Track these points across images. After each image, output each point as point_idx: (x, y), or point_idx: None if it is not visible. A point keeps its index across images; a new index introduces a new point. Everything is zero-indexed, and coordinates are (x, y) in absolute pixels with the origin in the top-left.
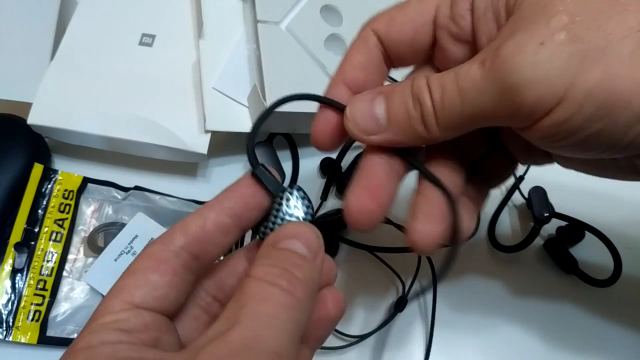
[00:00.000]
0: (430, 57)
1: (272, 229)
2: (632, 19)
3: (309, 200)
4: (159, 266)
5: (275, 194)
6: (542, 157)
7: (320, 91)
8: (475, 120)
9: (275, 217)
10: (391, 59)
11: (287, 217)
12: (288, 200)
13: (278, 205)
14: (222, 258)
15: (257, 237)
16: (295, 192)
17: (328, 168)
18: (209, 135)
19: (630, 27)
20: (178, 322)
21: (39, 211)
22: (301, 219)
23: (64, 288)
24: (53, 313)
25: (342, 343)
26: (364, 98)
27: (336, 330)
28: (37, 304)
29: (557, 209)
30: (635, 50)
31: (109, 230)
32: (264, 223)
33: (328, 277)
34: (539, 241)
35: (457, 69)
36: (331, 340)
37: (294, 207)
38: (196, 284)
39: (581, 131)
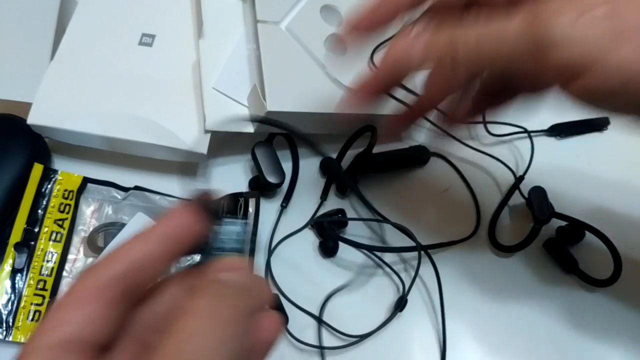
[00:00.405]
0: None
1: (206, 261)
2: None
3: (245, 233)
4: (91, 299)
5: (212, 225)
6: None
7: (320, 91)
8: (506, 70)
9: (212, 248)
10: None
11: (221, 252)
12: (224, 232)
13: (214, 237)
14: None
15: (191, 265)
16: (231, 225)
17: (328, 168)
18: (208, 135)
19: None
20: (109, 355)
21: (39, 211)
22: (236, 251)
23: (63, 288)
24: None
25: (342, 343)
26: (405, 34)
27: (336, 330)
28: (37, 304)
29: (557, 209)
30: None
31: (109, 230)
32: (199, 254)
33: (263, 301)
34: (539, 241)
35: (499, 24)
36: (331, 340)
37: (229, 240)
38: (128, 314)
39: (605, 101)
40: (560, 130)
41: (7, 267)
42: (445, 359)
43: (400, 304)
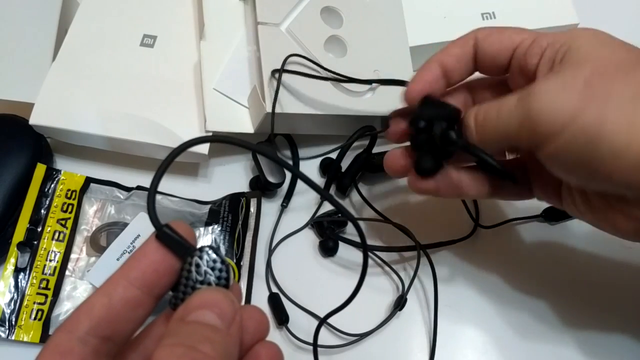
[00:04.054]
0: (502, 73)
1: (182, 299)
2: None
3: (223, 262)
4: (73, 352)
5: (183, 258)
6: (554, 198)
7: (320, 93)
8: (505, 139)
9: (185, 285)
10: (477, 63)
11: (198, 285)
12: (197, 265)
13: (187, 272)
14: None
15: (174, 304)
16: (205, 255)
17: (328, 168)
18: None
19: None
20: None
21: (42, 211)
22: (213, 284)
23: (66, 287)
24: (55, 312)
25: (342, 342)
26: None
27: (336, 329)
28: (39, 303)
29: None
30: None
31: (112, 229)
32: (174, 292)
33: (260, 332)
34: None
35: (501, 100)
36: (331, 339)
37: (205, 272)
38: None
39: (572, 158)
40: None
41: (10, 267)
42: (434, 359)
43: (399, 303)
